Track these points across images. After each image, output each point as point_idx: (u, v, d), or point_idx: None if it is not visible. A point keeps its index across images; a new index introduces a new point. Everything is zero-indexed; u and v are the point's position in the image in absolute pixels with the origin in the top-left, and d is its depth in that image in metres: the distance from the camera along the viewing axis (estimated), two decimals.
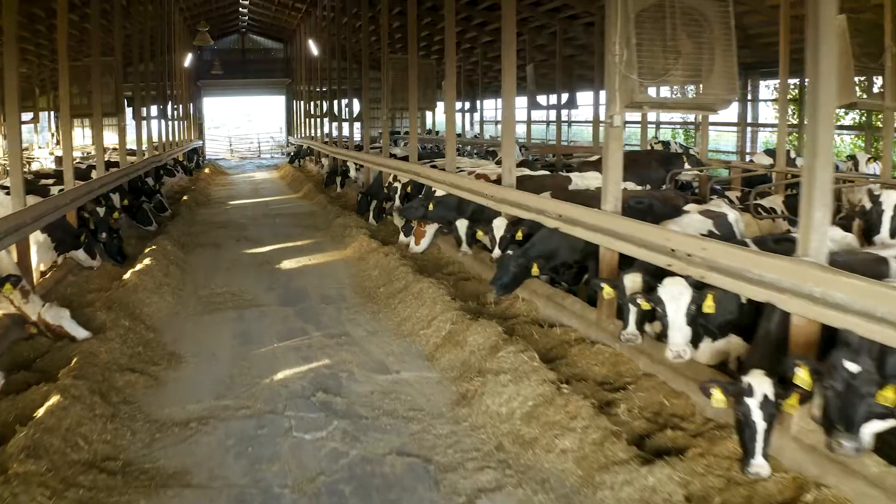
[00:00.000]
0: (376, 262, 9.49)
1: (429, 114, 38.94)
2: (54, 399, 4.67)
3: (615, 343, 5.73)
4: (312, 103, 27.89)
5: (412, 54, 11.89)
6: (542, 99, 20.67)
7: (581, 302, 6.60)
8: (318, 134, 26.25)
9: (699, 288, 4.62)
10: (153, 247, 9.82)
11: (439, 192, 10.21)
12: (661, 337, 4.90)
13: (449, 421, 4.92)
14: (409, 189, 11.37)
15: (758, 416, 3.77)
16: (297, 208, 16.42)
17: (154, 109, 21.12)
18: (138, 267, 8.55)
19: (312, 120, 28.55)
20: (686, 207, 6.62)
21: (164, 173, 17.69)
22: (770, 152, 14.76)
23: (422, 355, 6.21)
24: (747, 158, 19.76)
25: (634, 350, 5.43)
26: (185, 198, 17.38)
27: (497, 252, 7.06)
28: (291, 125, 37.97)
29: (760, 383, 3.69)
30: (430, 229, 10.12)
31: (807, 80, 4.32)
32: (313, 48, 25.03)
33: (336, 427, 4.81)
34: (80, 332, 5.93)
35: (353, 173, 17.47)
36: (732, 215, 6.28)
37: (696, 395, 4.87)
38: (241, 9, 32.66)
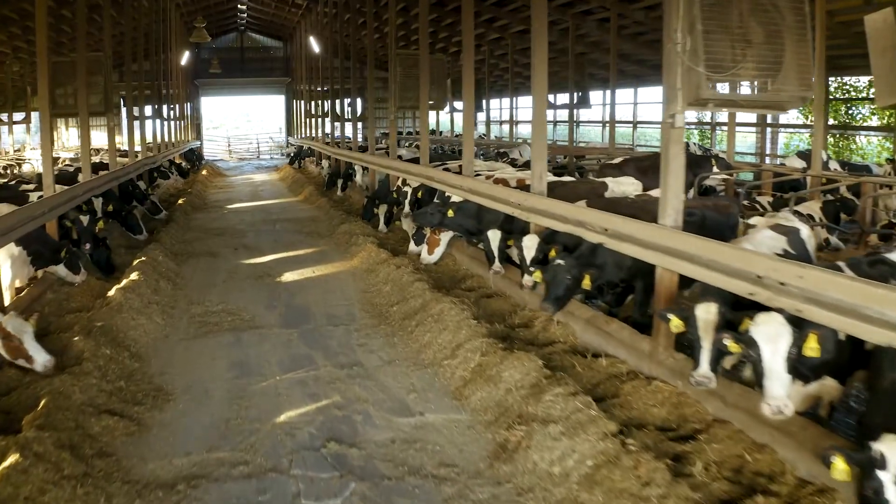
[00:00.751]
0: (387, 275, 8.66)
1: (432, 112, 38.40)
2: (12, 459, 3.83)
3: (676, 380, 4.90)
4: (313, 103, 27.04)
5: (423, 50, 11.06)
6: (552, 98, 19.82)
7: (629, 328, 5.76)
8: (320, 134, 25.40)
9: (796, 325, 3.80)
10: (142, 258, 8.98)
11: (455, 198, 9.38)
12: (755, 385, 4.07)
13: (489, 481, 4.09)
14: (420, 194, 10.53)
15: (893, 494, 2.96)
16: (299, 213, 15.58)
17: (149, 110, 20.28)
18: (124, 282, 7.70)
19: (313, 120, 27.72)
20: (752, 221, 5.79)
21: (158, 175, 16.82)
22: (803, 154, 13.98)
23: (448, 392, 5.37)
24: (769, 161, 18.98)
25: (702, 390, 4.60)
26: (180, 201, 16.53)
27: (528, 279, 6.21)
28: (291, 125, 37.13)
29: None
30: (445, 237, 9.30)
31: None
32: (315, 45, 24.19)
33: (353, 491, 3.97)
34: (40, 356, 5.08)
35: (359, 178, 16.64)
36: (805, 231, 5.47)
37: (783, 448, 4.06)
38: (239, 6, 31.83)
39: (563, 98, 22.63)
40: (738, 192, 13.10)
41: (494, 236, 7.32)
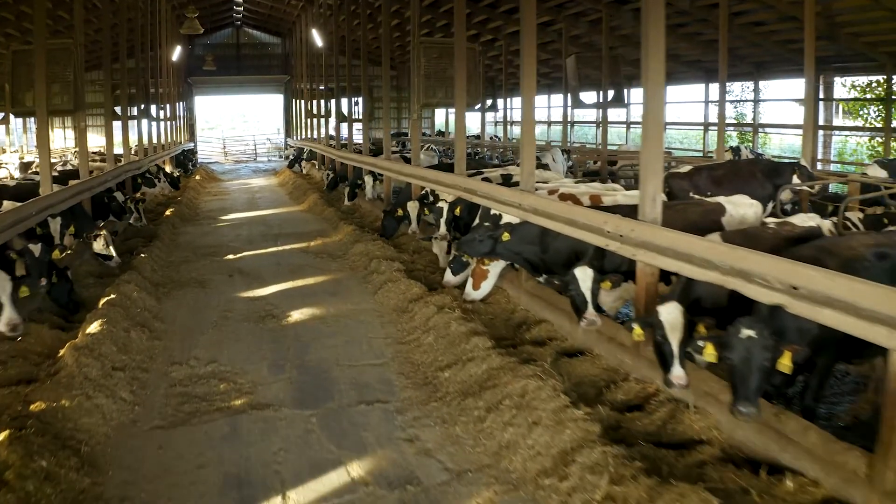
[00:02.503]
0: (426, 318, 6.73)
1: (439, 111, 36.28)
2: None
3: None
4: (314, 102, 25.07)
5: (459, 34, 9.12)
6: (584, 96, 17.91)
7: (819, 431, 3.85)
8: (323, 135, 23.44)
9: None
10: (111, 296, 7.03)
11: (508, 218, 7.46)
12: None
13: None
14: (458, 211, 8.60)
15: None
16: (303, 226, 13.63)
17: (139, 110, 18.30)
18: (82, 337, 5.75)
19: (314, 120, 25.75)
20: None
21: (143, 183, 14.85)
22: (884, 163, 12.14)
23: None
24: (819, 167, 17.15)
25: None
26: (168, 211, 14.57)
27: (679, 373, 4.31)
28: (290, 126, 35.13)
29: None
30: (495, 268, 7.39)
31: None
32: (317, 39, 22.22)
33: None
34: None
35: (368, 187, 14.67)
36: None
37: None
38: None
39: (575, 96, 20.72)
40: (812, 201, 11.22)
41: (585, 276, 5.38)
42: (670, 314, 4.49)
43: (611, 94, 17.24)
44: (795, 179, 10.59)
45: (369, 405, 5.05)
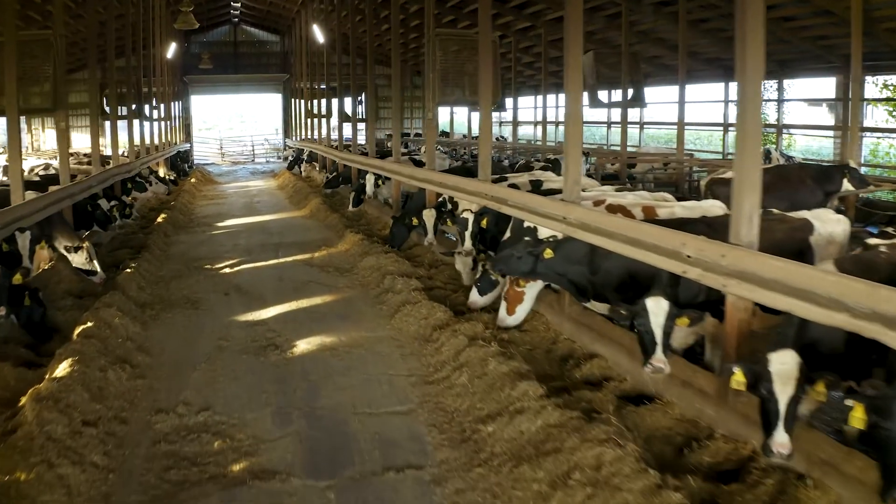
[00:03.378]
0: (455, 350, 5.78)
1: (444, 110, 35.16)
2: None
3: None
4: (315, 101, 24.08)
5: (484, 24, 8.16)
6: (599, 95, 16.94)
7: None
8: (324, 136, 22.45)
9: None
10: (88, 323, 6.05)
11: (545, 232, 6.51)
12: None
13: None
14: (484, 223, 7.62)
15: None
16: (305, 234, 12.64)
17: (135, 110, 17.30)
18: (46, 384, 4.76)
19: (315, 120, 24.76)
20: None
21: (134, 187, 13.84)
22: None
23: None
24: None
25: None
26: (160, 217, 13.56)
27: (783, 439, 3.39)
28: (289, 126, 34.12)
29: None
30: (532, 290, 6.45)
31: None
32: (318, 35, 21.23)
33: None
34: None
35: (369, 188, 13.65)
36: None
37: None
38: None
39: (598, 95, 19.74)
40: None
41: (658, 309, 4.42)
42: (784, 365, 3.54)
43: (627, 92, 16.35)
44: (846, 184, 9.68)
45: (399, 472, 4.07)
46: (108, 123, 15.88)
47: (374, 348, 6.29)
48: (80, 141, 28.06)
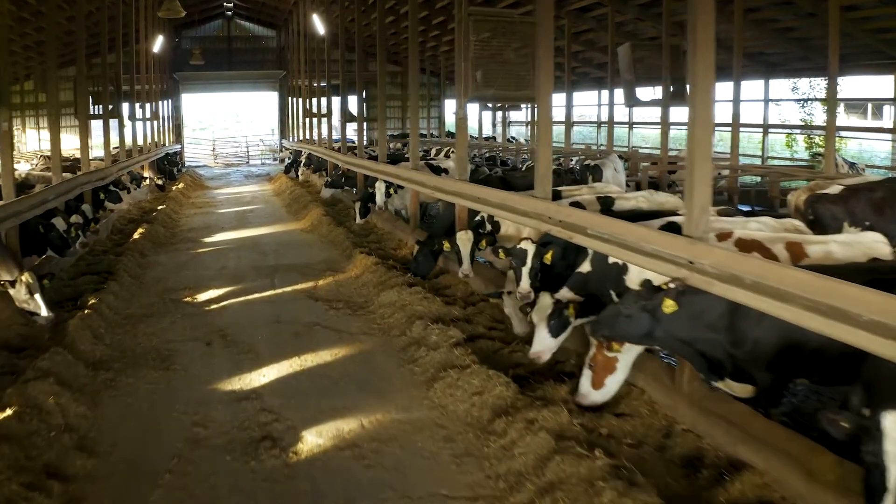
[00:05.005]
0: (536, 456, 3.98)
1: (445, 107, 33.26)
2: None
3: None
4: (314, 100, 22.17)
5: None
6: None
7: None
8: (325, 137, 20.56)
9: None
10: (6, 411, 4.19)
11: (648, 275, 4.67)
12: None
13: None
14: (549, 258, 5.76)
15: None
16: (306, 253, 10.76)
17: (112, 110, 15.40)
18: None
19: (314, 120, 22.85)
20: None
21: (106, 197, 11.93)
22: None
23: None
24: None
25: None
26: (137, 233, 11.67)
27: None
28: (286, 126, 32.18)
29: None
30: (628, 356, 4.69)
31: None
32: (319, 27, 19.31)
33: None
34: None
35: (379, 199, 11.74)
36: None
37: None
38: None
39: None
40: None
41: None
42: None
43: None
44: None
45: None
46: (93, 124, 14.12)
47: (413, 443, 4.43)
48: (67, 142, 26.18)
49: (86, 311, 6.73)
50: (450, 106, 31.98)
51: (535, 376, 5.41)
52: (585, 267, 5.48)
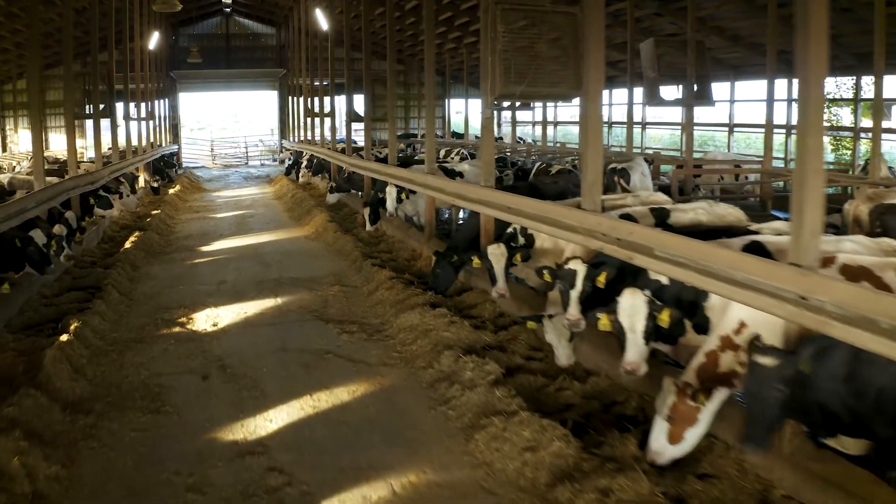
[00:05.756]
0: None
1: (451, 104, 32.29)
2: None
3: None
4: (317, 99, 21.33)
5: None
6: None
7: None
8: (328, 138, 19.73)
9: None
10: None
11: (753, 316, 3.86)
12: None
13: None
14: (603, 280, 4.93)
15: None
16: (312, 264, 9.92)
17: (104, 110, 14.57)
18: None
19: (315, 120, 22.02)
20: None
21: (96, 203, 11.08)
22: None
23: None
24: None
25: None
26: (129, 241, 10.83)
27: None
28: (286, 126, 31.33)
29: None
30: (711, 406, 3.86)
31: None
32: (323, 22, 18.46)
33: None
34: None
35: (390, 205, 10.87)
36: None
37: None
38: None
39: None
40: None
41: None
42: None
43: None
44: None
45: None
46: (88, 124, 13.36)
47: None
48: (58, 143, 25.38)
49: (66, 339, 5.88)
50: (454, 105, 31.14)
51: (588, 419, 4.61)
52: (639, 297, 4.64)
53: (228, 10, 30.63)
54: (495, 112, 25.64)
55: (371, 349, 6.18)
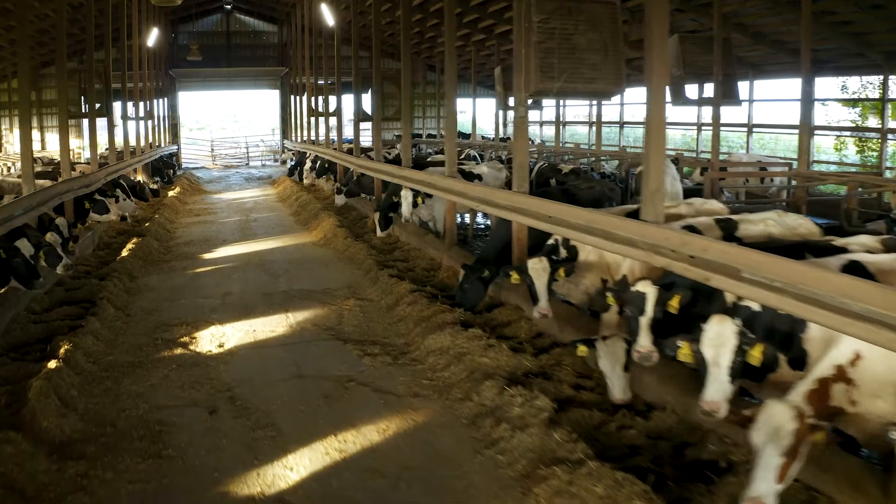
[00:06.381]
0: None
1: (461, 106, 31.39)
2: None
3: None
4: (321, 98, 20.66)
5: None
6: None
7: None
8: (335, 138, 19.07)
9: None
10: None
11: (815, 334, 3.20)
12: None
13: None
14: (676, 303, 4.26)
15: None
16: (323, 275, 9.25)
17: (100, 109, 13.90)
18: None
19: (319, 120, 21.36)
20: None
21: (92, 207, 10.39)
22: None
23: None
24: None
25: None
26: (127, 249, 10.16)
27: None
28: (288, 126, 30.65)
29: None
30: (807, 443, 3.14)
31: None
32: (329, 18, 17.78)
33: None
34: None
35: (405, 210, 10.16)
36: None
37: None
38: None
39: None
40: None
41: None
42: None
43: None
44: None
45: None
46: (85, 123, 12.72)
47: None
48: (55, 143, 24.74)
49: (54, 365, 5.21)
50: (460, 105, 30.42)
51: (659, 464, 3.96)
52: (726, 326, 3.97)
53: (229, 6, 29.98)
54: (505, 112, 24.49)
55: (398, 375, 5.51)
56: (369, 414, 4.80)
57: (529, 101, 6.90)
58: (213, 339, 6.51)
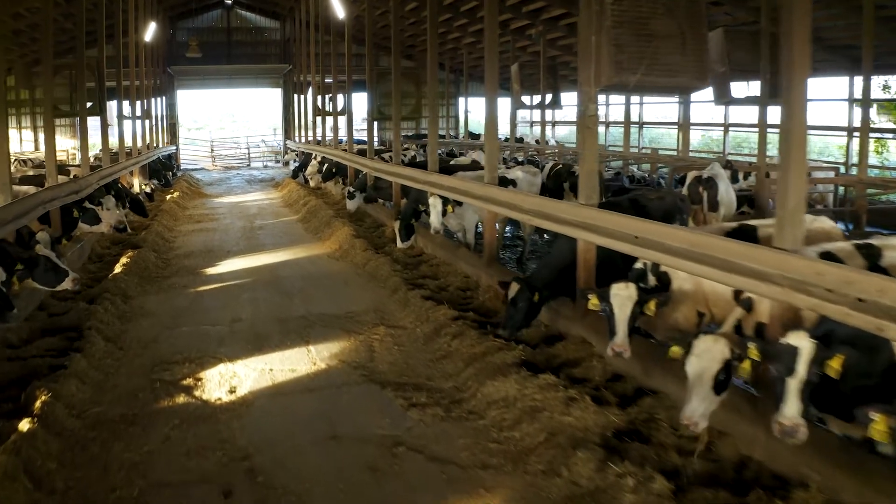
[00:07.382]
0: None
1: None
2: None
3: None
4: (328, 97, 19.58)
5: None
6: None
7: None
8: (343, 139, 17.99)
9: None
10: None
11: None
12: None
13: None
14: (838, 366, 3.20)
15: None
16: (345, 295, 8.15)
17: (92, 108, 12.83)
18: None
19: (326, 119, 20.28)
20: None
21: (81, 217, 9.29)
22: None
23: None
24: None
25: None
26: (121, 263, 9.07)
27: None
28: (290, 126, 29.54)
29: None
30: None
31: None
32: (339, 11, 16.68)
33: None
34: None
35: (435, 220, 9.03)
36: None
37: None
38: None
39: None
40: None
41: None
42: None
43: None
44: None
45: None
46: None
47: None
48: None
49: (27, 428, 4.12)
50: (472, 105, 29.28)
51: None
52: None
53: (230, 2, 28.87)
54: (515, 111, 23.15)
55: (455, 436, 4.42)
56: (431, 496, 3.72)
57: (597, 97, 5.83)
58: (222, 382, 5.42)
